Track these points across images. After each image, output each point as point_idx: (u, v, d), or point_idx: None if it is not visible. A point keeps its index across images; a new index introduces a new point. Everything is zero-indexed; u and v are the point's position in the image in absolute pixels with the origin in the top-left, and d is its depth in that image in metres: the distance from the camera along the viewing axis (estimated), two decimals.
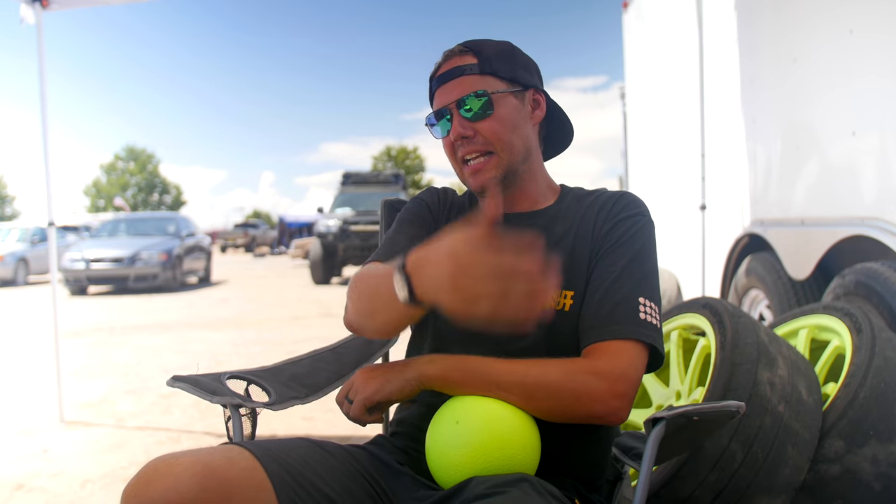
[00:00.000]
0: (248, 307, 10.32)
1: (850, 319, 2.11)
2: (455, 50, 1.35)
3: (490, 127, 1.30)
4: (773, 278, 3.51)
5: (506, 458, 1.06)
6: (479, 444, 1.05)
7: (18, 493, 2.89)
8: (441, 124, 1.35)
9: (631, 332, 1.16)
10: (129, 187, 53.42)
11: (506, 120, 1.31)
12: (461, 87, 1.31)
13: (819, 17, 3.10)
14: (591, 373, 1.13)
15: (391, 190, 15.56)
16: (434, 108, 1.36)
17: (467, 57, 1.33)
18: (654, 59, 5.93)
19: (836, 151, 3.01)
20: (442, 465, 1.08)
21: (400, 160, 55.12)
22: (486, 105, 1.29)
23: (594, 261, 1.27)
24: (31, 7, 3.82)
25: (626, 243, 1.27)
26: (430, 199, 1.49)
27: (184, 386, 1.30)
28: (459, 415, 1.09)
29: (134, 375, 5.38)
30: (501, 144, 1.30)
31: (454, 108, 1.31)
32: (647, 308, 1.19)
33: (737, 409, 1.09)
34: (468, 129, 1.30)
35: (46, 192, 4.00)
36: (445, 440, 1.08)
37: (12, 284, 15.42)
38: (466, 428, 1.07)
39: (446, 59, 1.35)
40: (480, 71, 1.31)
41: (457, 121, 1.31)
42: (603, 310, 1.19)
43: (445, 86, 1.33)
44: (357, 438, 2.57)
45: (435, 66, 1.38)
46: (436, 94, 1.36)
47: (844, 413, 1.82)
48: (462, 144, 1.32)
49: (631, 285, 1.21)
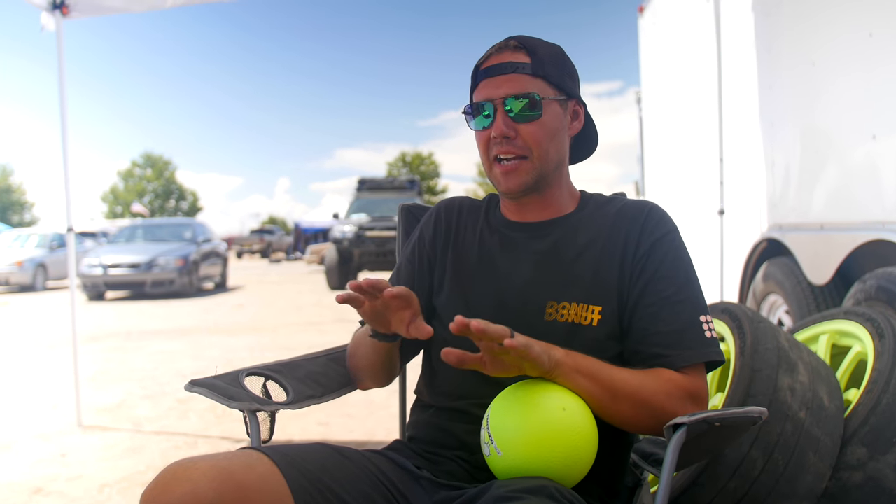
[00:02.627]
0: (264, 313, 10.36)
1: (871, 325, 2.08)
2: (510, 44, 1.31)
3: (533, 131, 1.28)
4: (793, 283, 3.47)
5: (585, 461, 1.09)
6: (585, 436, 1.08)
7: (37, 497, 2.91)
8: (480, 117, 1.31)
9: (704, 354, 1.21)
10: (146, 194, 53.86)
11: (548, 127, 1.29)
12: (511, 85, 1.28)
13: (838, 20, 3.07)
14: (689, 397, 1.18)
15: (406, 195, 15.58)
16: (477, 98, 1.32)
17: (520, 54, 1.30)
18: (670, 63, 5.90)
19: (856, 155, 2.98)
20: (528, 441, 1.06)
21: (415, 166, 55.19)
22: (534, 109, 1.27)
23: (632, 281, 1.26)
24: (51, 15, 3.86)
25: (672, 266, 1.27)
26: (426, 227, 1.50)
27: (201, 390, 1.30)
28: (566, 403, 1.08)
29: (151, 380, 5.41)
30: (539, 151, 1.29)
31: (500, 104, 1.28)
32: (708, 324, 1.23)
33: (759, 415, 1.07)
34: (511, 129, 1.28)
35: (65, 198, 4.04)
36: (548, 423, 1.07)
37: (31, 290, 15.58)
38: (573, 418, 1.08)
39: (498, 52, 1.32)
40: (533, 72, 1.29)
41: (501, 118, 1.28)
42: (671, 338, 1.21)
43: (494, 79, 1.30)
44: (374, 444, 2.56)
45: (484, 55, 1.34)
46: (481, 85, 1.32)
47: (867, 420, 1.79)
48: (500, 143, 1.29)
49: (690, 308, 1.23)
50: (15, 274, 15.50)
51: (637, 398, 1.14)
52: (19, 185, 49.25)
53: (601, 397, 1.12)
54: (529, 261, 1.32)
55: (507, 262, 1.35)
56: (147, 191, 54.03)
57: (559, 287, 1.27)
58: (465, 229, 1.44)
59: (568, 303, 1.26)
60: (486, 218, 1.44)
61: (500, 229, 1.40)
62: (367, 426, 3.91)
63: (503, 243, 1.38)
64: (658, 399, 1.14)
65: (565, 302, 1.26)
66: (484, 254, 1.38)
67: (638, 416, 1.15)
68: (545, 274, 1.30)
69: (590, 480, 1.14)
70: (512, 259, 1.35)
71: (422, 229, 1.50)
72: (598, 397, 1.12)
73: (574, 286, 1.27)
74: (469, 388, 1.27)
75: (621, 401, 1.13)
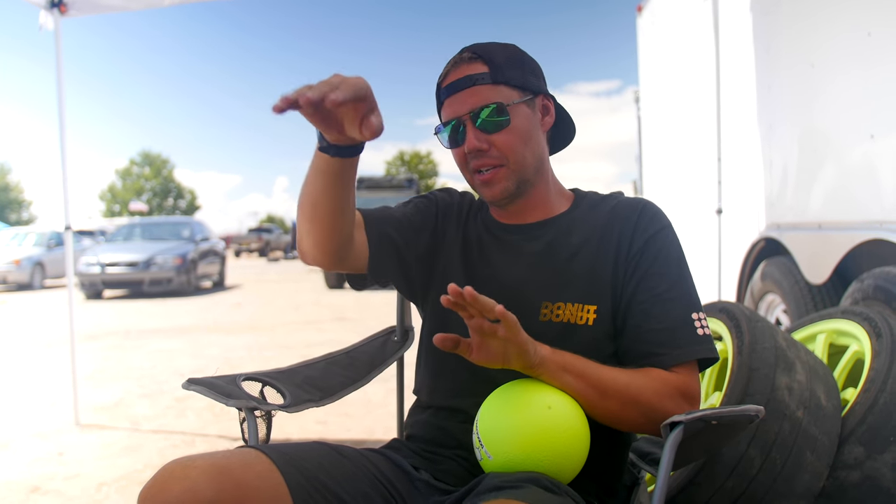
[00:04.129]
0: (262, 311, 10.35)
1: (869, 324, 2.08)
2: (464, 57, 1.30)
3: (505, 140, 1.27)
4: (790, 283, 3.47)
5: (577, 458, 1.09)
6: (573, 434, 1.08)
7: (34, 496, 2.91)
8: (452, 135, 1.31)
9: (695, 351, 1.20)
10: (144, 192, 53.80)
11: (520, 131, 1.29)
12: (474, 98, 1.27)
13: (836, 20, 3.07)
14: (680, 395, 1.17)
15: (404, 194, 15.56)
16: (444, 118, 1.32)
17: (477, 65, 1.28)
18: (669, 63, 5.90)
19: (854, 154, 2.98)
20: (516, 443, 1.06)
21: (413, 165, 55.21)
22: (501, 118, 1.26)
23: (625, 279, 1.26)
24: (49, 13, 3.85)
25: (665, 262, 1.26)
26: (444, 201, 1.49)
27: (199, 389, 1.30)
28: (552, 402, 1.09)
29: (149, 379, 5.41)
30: (515, 157, 1.28)
31: (468, 119, 1.27)
32: (701, 321, 1.22)
33: (756, 413, 1.08)
34: (483, 141, 1.27)
35: (63, 196, 4.03)
36: (533, 422, 1.07)
37: (29, 288, 15.56)
38: (559, 415, 1.08)
39: (455, 66, 1.31)
40: (493, 80, 1.27)
41: (471, 133, 1.27)
42: (663, 335, 1.21)
43: (457, 95, 1.29)
44: (372, 442, 2.56)
45: (442, 74, 1.33)
46: (445, 104, 1.32)
47: (864, 419, 1.79)
48: (475, 156, 1.29)
49: (682, 304, 1.23)
50: (12, 272, 15.49)
51: (625, 396, 1.14)
52: (17, 184, 49.22)
53: (588, 395, 1.12)
54: (523, 262, 1.32)
55: (501, 264, 1.34)
56: (145, 189, 53.96)
57: (554, 287, 1.27)
58: (467, 226, 1.44)
59: (563, 303, 1.25)
60: (481, 219, 1.44)
61: (494, 231, 1.40)
62: (365, 425, 3.91)
63: (497, 245, 1.37)
64: (646, 396, 1.15)
65: (560, 302, 1.26)
66: (479, 255, 1.38)
67: (627, 414, 1.15)
68: (539, 275, 1.30)
69: (587, 479, 1.15)
70: (506, 261, 1.34)
71: (437, 199, 1.49)
72: (585, 395, 1.12)
73: (569, 286, 1.27)
74: (467, 387, 1.27)
75: (609, 398, 1.13)
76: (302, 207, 1.24)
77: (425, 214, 1.45)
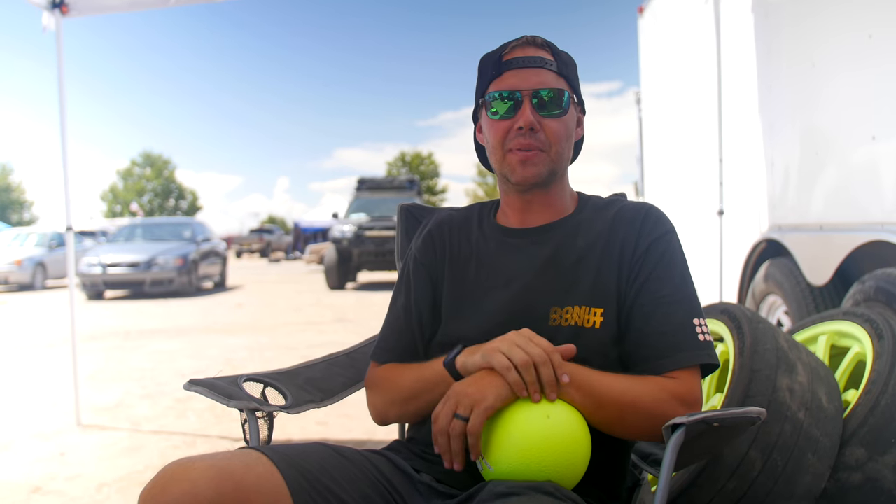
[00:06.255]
0: (263, 312, 10.36)
1: (870, 326, 2.08)
2: (536, 41, 1.32)
3: (556, 128, 1.29)
4: (792, 284, 3.47)
5: (579, 464, 1.08)
6: (573, 441, 1.08)
7: (35, 496, 2.91)
8: (503, 106, 1.30)
9: (696, 357, 1.20)
10: (146, 193, 53.84)
11: (567, 125, 1.32)
12: (541, 79, 1.29)
13: (838, 21, 3.07)
14: (679, 401, 1.16)
15: (406, 195, 15.58)
16: (500, 87, 1.31)
17: (545, 52, 1.32)
18: (670, 64, 5.90)
19: (855, 156, 2.98)
20: (516, 454, 1.06)
21: (414, 166, 55.17)
22: (559, 105, 1.29)
23: (629, 282, 1.26)
24: (51, 14, 3.86)
25: (668, 266, 1.27)
26: (423, 251, 1.45)
27: (200, 390, 1.30)
28: (550, 411, 1.08)
29: (150, 380, 5.41)
30: (558, 147, 1.30)
31: (528, 95, 1.28)
32: (702, 327, 1.22)
33: (757, 415, 1.07)
34: (537, 121, 1.28)
35: (64, 196, 4.04)
36: (532, 433, 1.07)
37: (30, 289, 15.58)
38: (558, 424, 1.07)
39: (523, 46, 1.32)
40: (559, 71, 1.31)
41: (529, 109, 1.28)
42: (664, 340, 1.21)
43: (522, 71, 1.29)
44: (373, 444, 2.56)
45: (505, 48, 1.33)
46: (506, 76, 1.31)
47: (865, 420, 1.79)
48: (523, 135, 1.28)
49: (684, 309, 1.23)
50: (14, 273, 15.51)
51: (622, 403, 1.14)
52: (19, 184, 49.31)
53: (584, 404, 1.11)
54: (531, 267, 1.32)
55: (508, 270, 1.34)
56: (146, 190, 54.00)
57: (561, 291, 1.27)
58: (460, 243, 1.42)
59: (571, 306, 1.25)
60: (479, 227, 1.43)
61: (498, 237, 1.39)
62: (366, 426, 3.91)
63: (502, 251, 1.37)
64: (644, 403, 1.14)
65: (568, 306, 1.26)
66: (483, 264, 1.37)
67: (626, 421, 1.15)
68: (547, 279, 1.29)
69: (589, 484, 1.14)
70: (512, 266, 1.34)
71: (415, 255, 1.46)
72: (581, 404, 1.11)
73: (576, 289, 1.27)
74: None
75: (607, 407, 1.13)
76: (403, 401, 1.33)
77: (429, 269, 1.43)
